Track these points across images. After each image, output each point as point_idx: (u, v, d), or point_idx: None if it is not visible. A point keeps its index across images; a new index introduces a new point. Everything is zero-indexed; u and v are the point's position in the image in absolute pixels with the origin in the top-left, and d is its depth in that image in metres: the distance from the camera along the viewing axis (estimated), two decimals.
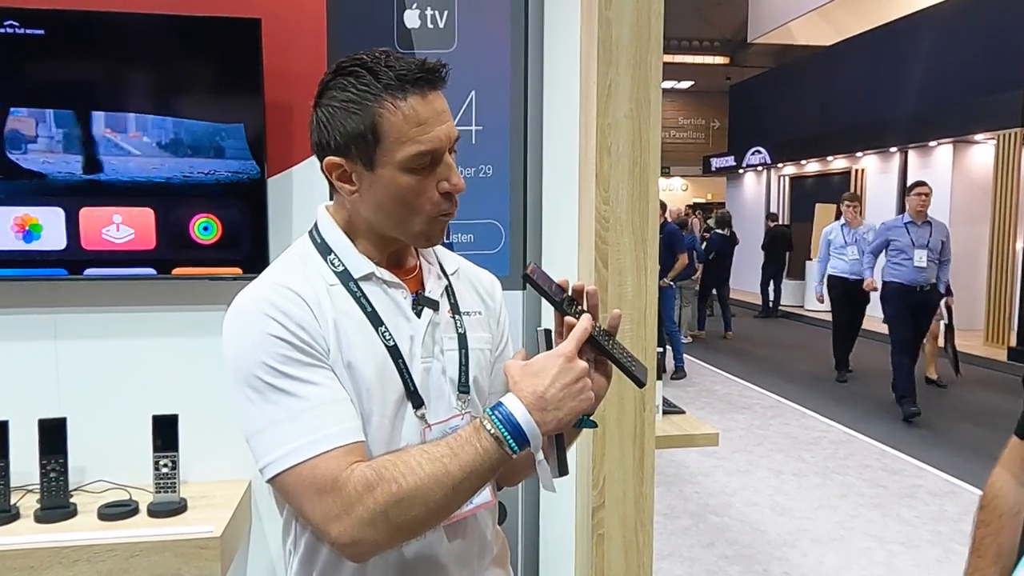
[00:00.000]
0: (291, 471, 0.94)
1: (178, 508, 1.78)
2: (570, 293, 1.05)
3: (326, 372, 0.99)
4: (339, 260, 1.07)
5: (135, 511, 1.78)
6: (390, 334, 1.05)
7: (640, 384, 1.07)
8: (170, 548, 1.66)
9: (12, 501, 1.76)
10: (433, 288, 1.13)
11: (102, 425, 1.90)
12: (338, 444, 0.94)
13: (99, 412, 1.90)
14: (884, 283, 6.28)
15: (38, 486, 1.77)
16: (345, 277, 1.06)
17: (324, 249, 1.08)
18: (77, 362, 1.90)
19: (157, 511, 1.77)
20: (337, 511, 0.92)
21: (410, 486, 0.91)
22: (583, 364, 0.98)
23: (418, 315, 1.09)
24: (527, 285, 1.04)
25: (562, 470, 1.03)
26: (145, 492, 1.83)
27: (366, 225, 1.08)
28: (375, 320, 1.05)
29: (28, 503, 1.78)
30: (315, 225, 1.12)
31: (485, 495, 1.14)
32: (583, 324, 1.00)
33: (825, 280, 7.44)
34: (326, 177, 1.06)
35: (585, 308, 1.05)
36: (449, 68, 1.05)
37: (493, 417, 0.95)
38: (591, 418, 1.07)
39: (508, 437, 0.93)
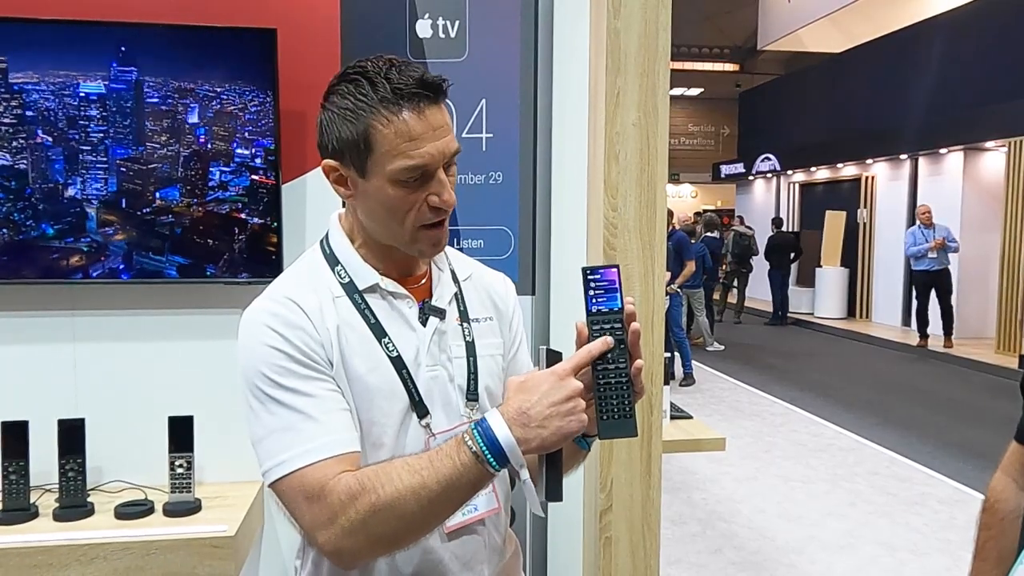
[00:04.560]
0: (285, 479, 0.97)
1: (193, 508, 1.81)
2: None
3: (323, 383, 1.01)
4: (345, 272, 1.09)
5: (151, 510, 1.82)
6: (393, 345, 1.07)
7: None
8: (185, 547, 1.69)
9: (31, 500, 1.80)
10: (441, 296, 1.13)
11: (119, 426, 1.93)
12: (328, 455, 0.96)
13: (116, 413, 1.93)
14: None
15: (57, 485, 1.80)
16: (350, 289, 1.08)
17: (332, 260, 1.10)
18: (95, 364, 1.94)
19: (172, 511, 1.80)
20: (323, 519, 0.94)
21: (388, 496, 0.92)
22: (577, 384, 0.94)
23: (424, 324, 1.10)
24: (584, 278, 0.99)
25: (551, 495, 0.99)
26: (160, 492, 1.86)
27: (369, 236, 1.09)
28: (378, 331, 1.07)
29: (47, 502, 1.82)
30: (327, 234, 1.14)
31: (490, 502, 1.14)
32: (594, 346, 0.96)
33: None
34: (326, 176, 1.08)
35: (623, 335, 0.98)
36: (450, 83, 1.03)
37: (475, 431, 0.93)
38: (585, 439, 1.05)
39: (487, 452, 0.91)
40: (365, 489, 0.92)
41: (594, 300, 0.99)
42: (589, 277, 0.99)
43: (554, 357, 0.99)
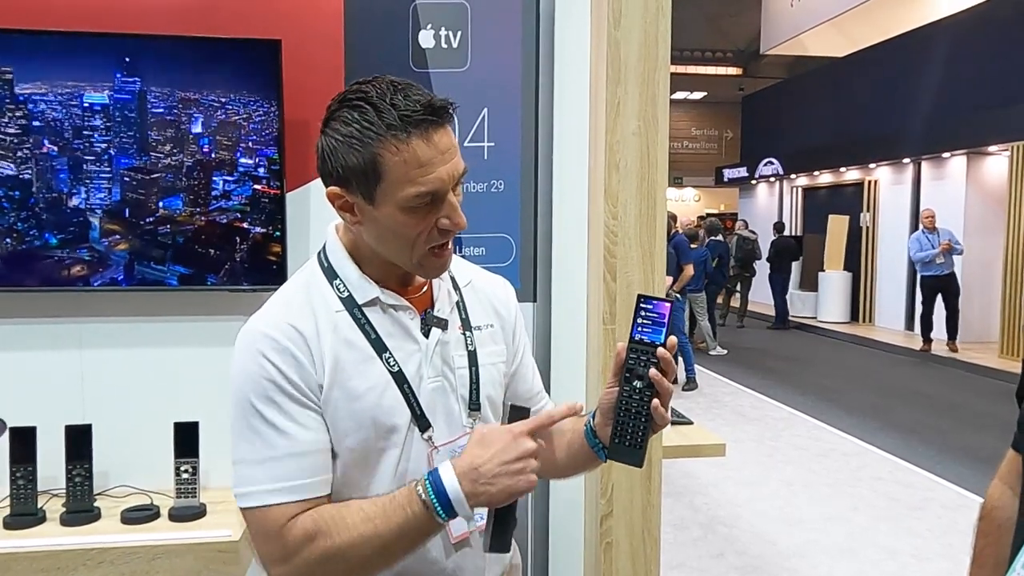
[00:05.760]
0: (248, 510, 1.01)
1: (198, 513, 1.83)
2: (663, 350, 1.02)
3: (306, 418, 1.02)
4: (344, 286, 1.08)
5: (156, 515, 1.84)
6: (394, 360, 1.06)
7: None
8: (190, 552, 1.71)
9: (39, 504, 1.82)
10: (442, 306, 1.13)
11: (125, 431, 1.95)
12: (291, 499, 0.99)
13: (122, 419, 1.95)
14: None
15: (64, 490, 1.83)
16: (350, 303, 1.07)
17: (330, 274, 1.09)
18: (102, 370, 1.96)
19: (178, 515, 1.82)
20: (278, 556, 0.98)
21: (342, 543, 0.96)
22: (530, 445, 0.98)
23: (426, 335, 1.10)
24: (637, 305, 1.03)
25: (496, 547, 1.01)
26: (166, 497, 1.88)
27: (370, 251, 1.08)
28: (379, 347, 1.06)
29: (54, 507, 1.84)
30: (324, 246, 1.13)
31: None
32: (556, 411, 1.02)
33: None
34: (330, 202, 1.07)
35: (649, 369, 1.01)
36: (457, 105, 1.03)
37: (427, 481, 0.97)
38: (604, 449, 1.09)
39: (436, 503, 0.95)
40: (321, 533, 0.97)
41: (640, 328, 1.01)
42: (642, 305, 1.01)
43: (518, 414, 1.01)
